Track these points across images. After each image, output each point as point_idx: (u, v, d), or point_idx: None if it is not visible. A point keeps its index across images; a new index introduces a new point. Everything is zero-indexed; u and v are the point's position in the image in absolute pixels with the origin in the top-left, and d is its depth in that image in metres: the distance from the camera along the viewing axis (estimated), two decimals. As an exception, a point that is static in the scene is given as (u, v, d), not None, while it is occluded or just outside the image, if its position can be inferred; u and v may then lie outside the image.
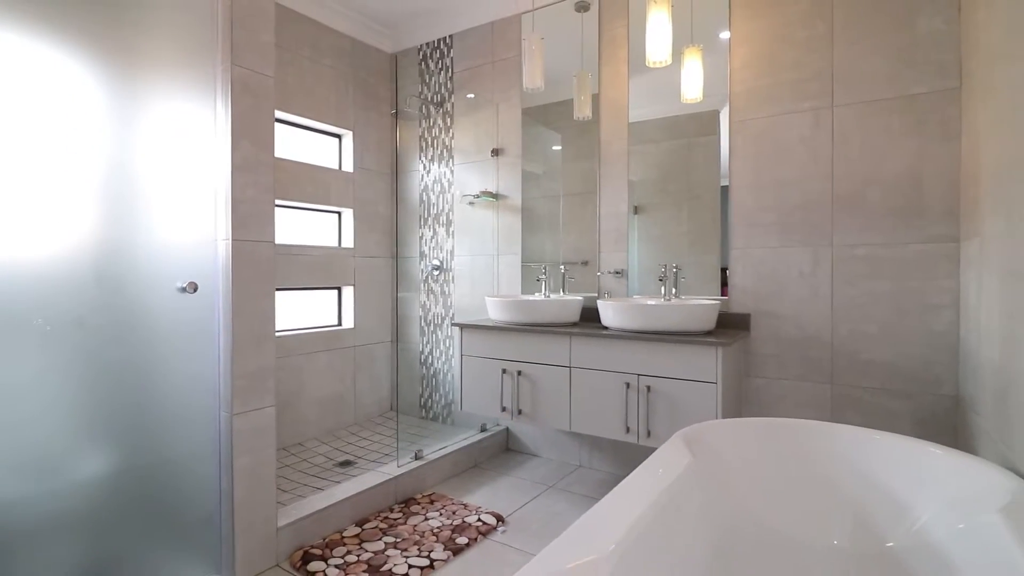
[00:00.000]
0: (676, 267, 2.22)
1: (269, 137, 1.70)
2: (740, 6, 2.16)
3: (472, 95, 2.93)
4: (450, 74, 3.02)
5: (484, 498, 2.23)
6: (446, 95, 3.04)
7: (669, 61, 2.16)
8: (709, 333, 1.97)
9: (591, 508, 0.99)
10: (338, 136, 3.11)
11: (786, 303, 2.08)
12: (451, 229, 3.04)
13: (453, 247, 3.03)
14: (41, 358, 1.30)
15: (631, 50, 2.41)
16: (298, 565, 1.70)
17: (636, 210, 2.42)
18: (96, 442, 1.39)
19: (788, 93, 2.07)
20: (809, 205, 2.03)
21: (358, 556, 1.75)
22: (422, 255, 3.18)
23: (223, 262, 1.61)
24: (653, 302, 2.09)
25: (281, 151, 2.74)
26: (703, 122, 2.24)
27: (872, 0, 1.91)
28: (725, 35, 2.18)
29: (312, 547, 1.79)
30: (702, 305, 1.95)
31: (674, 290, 2.21)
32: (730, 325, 2.16)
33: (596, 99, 2.50)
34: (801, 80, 2.04)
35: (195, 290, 1.54)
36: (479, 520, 2.00)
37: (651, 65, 2.18)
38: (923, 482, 1.18)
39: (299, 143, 2.91)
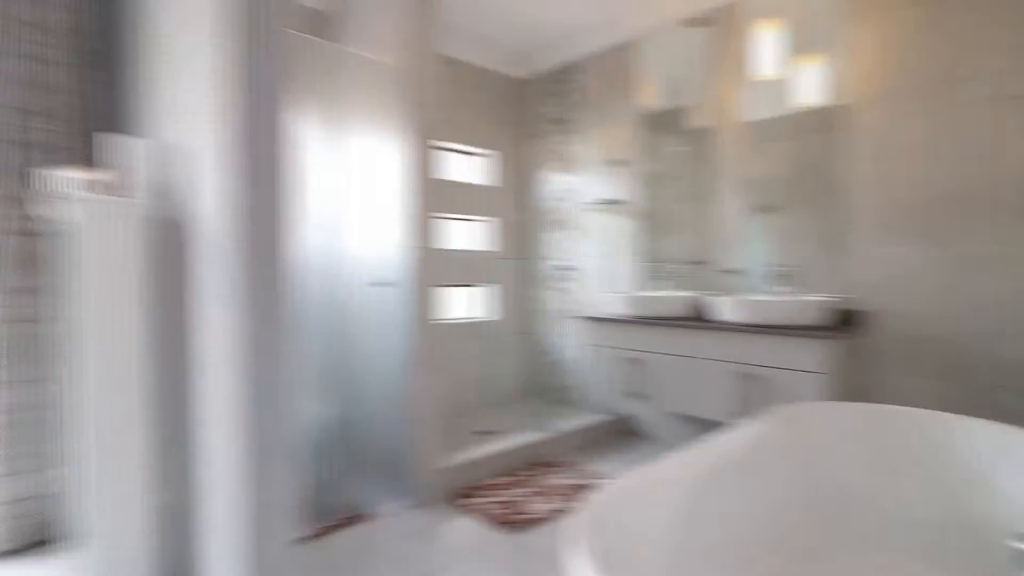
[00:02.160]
0: (790, 265, 2.35)
1: (436, 167, 2.22)
2: (856, 12, 2.23)
3: (595, 112, 3.26)
4: (576, 94, 3.38)
5: (606, 467, 2.57)
6: (573, 113, 3.41)
7: (778, 75, 2.30)
8: (819, 328, 2.10)
9: (684, 448, 1.29)
10: (484, 156, 3.63)
11: (908, 301, 2.12)
12: (577, 233, 3.40)
13: (579, 249, 3.40)
14: (305, 327, 1.91)
15: (747, 59, 2.56)
16: (457, 499, 2.19)
17: (762, 209, 2.55)
18: (322, 392, 1.99)
19: (908, 94, 2.11)
20: (931, 204, 2.06)
21: (503, 498, 2.19)
22: (552, 257, 3.59)
23: (409, 263, 2.15)
24: (763, 298, 2.26)
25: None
26: (830, 121, 2.31)
27: (990, 4, 1.90)
28: (846, 39, 2.26)
29: (466, 487, 2.28)
30: (807, 301, 2.09)
31: (789, 287, 2.34)
32: (850, 322, 2.23)
33: (713, 106, 2.69)
34: (921, 81, 2.07)
35: (392, 285, 2.09)
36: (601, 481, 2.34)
37: (761, 79, 2.34)
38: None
39: (451, 164, 3.47)
